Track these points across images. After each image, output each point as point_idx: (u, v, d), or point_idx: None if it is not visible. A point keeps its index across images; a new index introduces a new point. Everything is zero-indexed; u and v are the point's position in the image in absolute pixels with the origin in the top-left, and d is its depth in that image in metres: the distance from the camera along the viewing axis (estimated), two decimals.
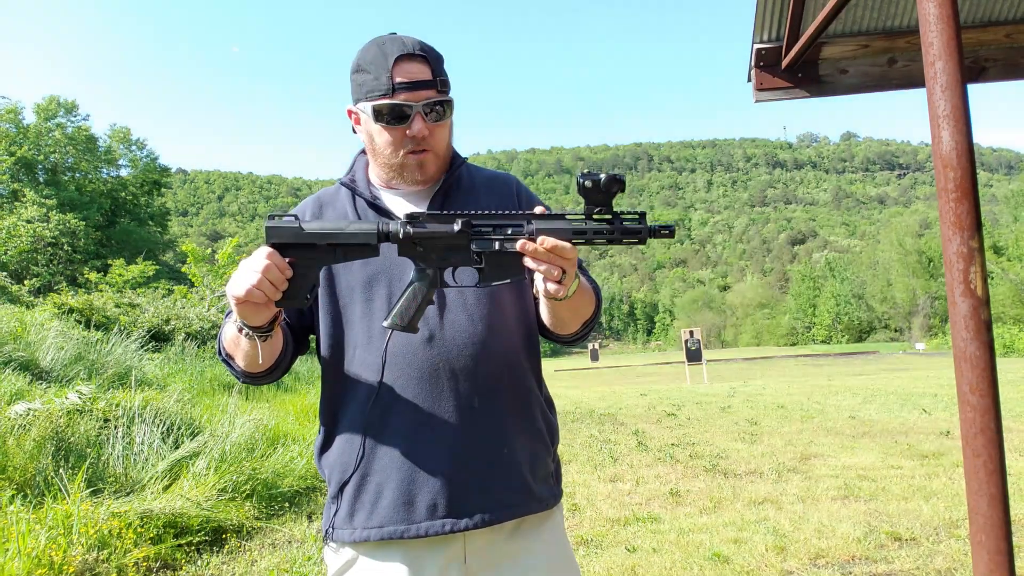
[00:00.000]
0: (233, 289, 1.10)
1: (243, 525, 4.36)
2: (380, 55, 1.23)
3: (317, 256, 1.13)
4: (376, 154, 1.30)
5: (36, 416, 4.45)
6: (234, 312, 1.16)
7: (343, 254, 1.14)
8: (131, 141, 40.75)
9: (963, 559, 3.61)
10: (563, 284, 1.11)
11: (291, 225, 1.13)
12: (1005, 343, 32.95)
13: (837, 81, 3.78)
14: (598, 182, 1.10)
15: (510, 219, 1.14)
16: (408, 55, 1.23)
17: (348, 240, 1.13)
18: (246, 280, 1.09)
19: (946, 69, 1.59)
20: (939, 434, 7.53)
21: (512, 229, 1.14)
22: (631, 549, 4.00)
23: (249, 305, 1.12)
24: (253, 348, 1.19)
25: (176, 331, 11.00)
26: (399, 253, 1.16)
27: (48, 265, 27.08)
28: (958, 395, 1.57)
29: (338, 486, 1.27)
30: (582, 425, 9.78)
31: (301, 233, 1.12)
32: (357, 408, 1.26)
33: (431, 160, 1.29)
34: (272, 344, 1.23)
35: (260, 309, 1.13)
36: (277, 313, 1.18)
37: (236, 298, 1.10)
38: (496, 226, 1.14)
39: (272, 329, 1.19)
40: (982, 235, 1.57)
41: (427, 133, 1.25)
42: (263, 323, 1.16)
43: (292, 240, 1.12)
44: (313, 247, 1.12)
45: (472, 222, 1.14)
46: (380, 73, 1.22)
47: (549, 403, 1.41)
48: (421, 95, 1.23)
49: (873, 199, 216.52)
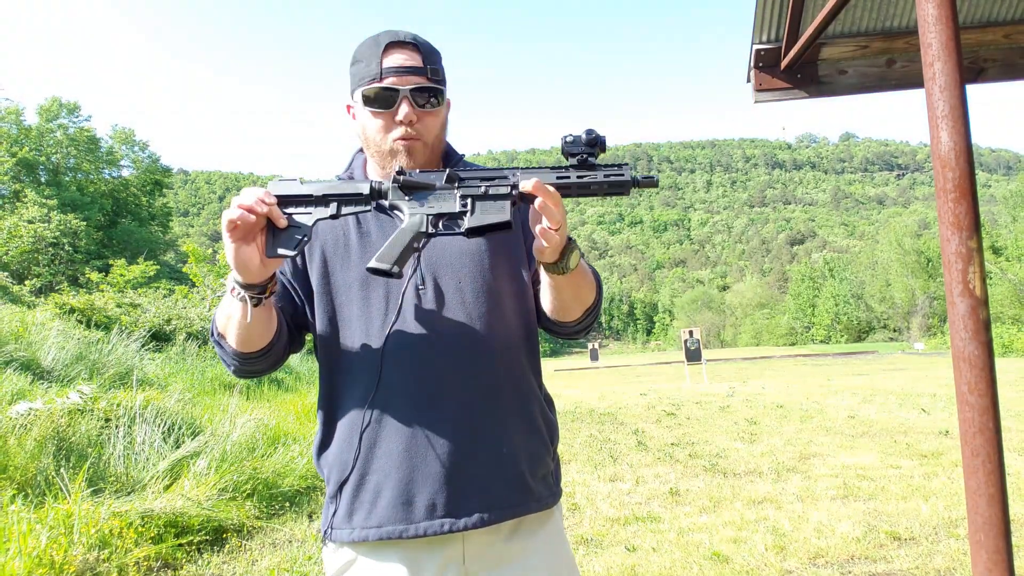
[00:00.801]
0: (224, 218, 1.08)
1: (244, 525, 4.37)
2: (373, 44, 1.25)
3: (312, 209, 1.16)
4: (368, 143, 1.30)
5: (37, 416, 4.45)
6: (231, 274, 1.14)
7: (337, 207, 1.16)
8: (133, 142, 40.77)
9: (962, 558, 3.62)
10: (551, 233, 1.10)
11: (290, 180, 1.18)
12: (1004, 343, 32.91)
13: (836, 82, 3.79)
14: (579, 137, 1.15)
15: (495, 171, 1.18)
16: (399, 43, 1.25)
17: (342, 190, 1.16)
18: (236, 200, 1.09)
19: (945, 69, 1.59)
20: (938, 434, 7.53)
21: (498, 180, 1.17)
22: (631, 548, 4.00)
23: (240, 244, 1.09)
24: (244, 315, 1.16)
25: (177, 331, 11.00)
26: (389, 205, 1.18)
27: (49, 265, 27.06)
28: (957, 395, 1.57)
29: (336, 485, 1.26)
30: (582, 425, 9.78)
31: (299, 186, 1.16)
32: (355, 407, 1.25)
33: (419, 148, 1.28)
34: (266, 317, 1.20)
35: (253, 253, 1.10)
36: (271, 279, 1.16)
37: (227, 225, 1.07)
38: (482, 178, 1.17)
39: (265, 292, 1.16)
40: (981, 235, 1.58)
41: (414, 119, 1.24)
42: (256, 280, 1.13)
43: (290, 192, 1.16)
44: (309, 198, 1.15)
45: (460, 174, 1.17)
46: (371, 60, 1.24)
47: (549, 402, 1.40)
48: (409, 80, 1.23)
49: (872, 199, 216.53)
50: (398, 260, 1.12)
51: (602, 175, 1.15)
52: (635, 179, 1.15)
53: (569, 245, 1.18)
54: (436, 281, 1.28)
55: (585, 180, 1.15)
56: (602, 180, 1.15)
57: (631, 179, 1.15)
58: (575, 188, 1.15)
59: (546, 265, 1.19)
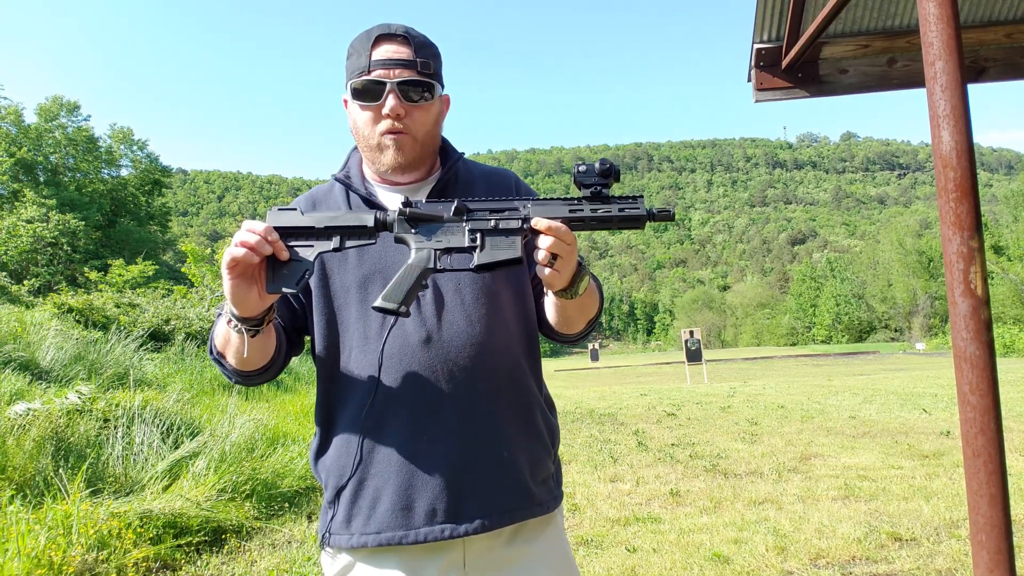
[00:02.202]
0: (225, 256, 1.06)
1: (243, 525, 4.36)
2: (364, 38, 1.24)
3: (315, 241, 1.12)
4: (358, 137, 1.29)
5: (36, 416, 4.44)
6: (227, 305, 1.12)
7: (340, 240, 1.12)
8: (132, 141, 40.78)
9: (963, 559, 3.61)
10: (558, 270, 1.10)
11: (290, 210, 1.14)
12: (1005, 343, 32.91)
13: (837, 81, 3.78)
14: (592, 167, 1.12)
15: (505, 203, 1.14)
16: (389, 35, 1.23)
17: (345, 222, 1.12)
18: (239, 237, 1.06)
19: (946, 69, 1.58)
20: (939, 434, 7.52)
21: (508, 211, 1.13)
22: (631, 549, 3.99)
23: (240, 281, 1.06)
24: (242, 345, 1.15)
25: (176, 331, 10.99)
26: (395, 239, 1.14)
27: (48, 265, 27.09)
28: (958, 395, 1.56)
29: (335, 491, 1.25)
30: (582, 425, 9.78)
31: (299, 217, 1.12)
32: (354, 411, 1.24)
33: (408, 142, 1.25)
34: (264, 342, 1.20)
35: (251, 289, 1.08)
36: (269, 309, 1.15)
37: (228, 262, 1.05)
38: (492, 210, 1.14)
39: (262, 324, 1.15)
40: (982, 235, 1.57)
41: (402, 112, 1.22)
42: (254, 313, 1.11)
43: (291, 223, 1.11)
44: (311, 231, 1.11)
45: (468, 206, 1.13)
46: (362, 53, 1.23)
47: (549, 404, 1.39)
48: (396, 72, 1.21)
49: (873, 199, 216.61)
50: (405, 299, 1.09)
51: (616, 208, 1.12)
52: (651, 212, 1.13)
53: (580, 272, 1.16)
54: (435, 284, 1.26)
55: (599, 215, 1.12)
56: (617, 214, 1.12)
57: (647, 212, 1.13)
58: (589, 222, 1.12)
59: (556, 291, 1.19)
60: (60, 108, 38.39)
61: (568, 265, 1.11)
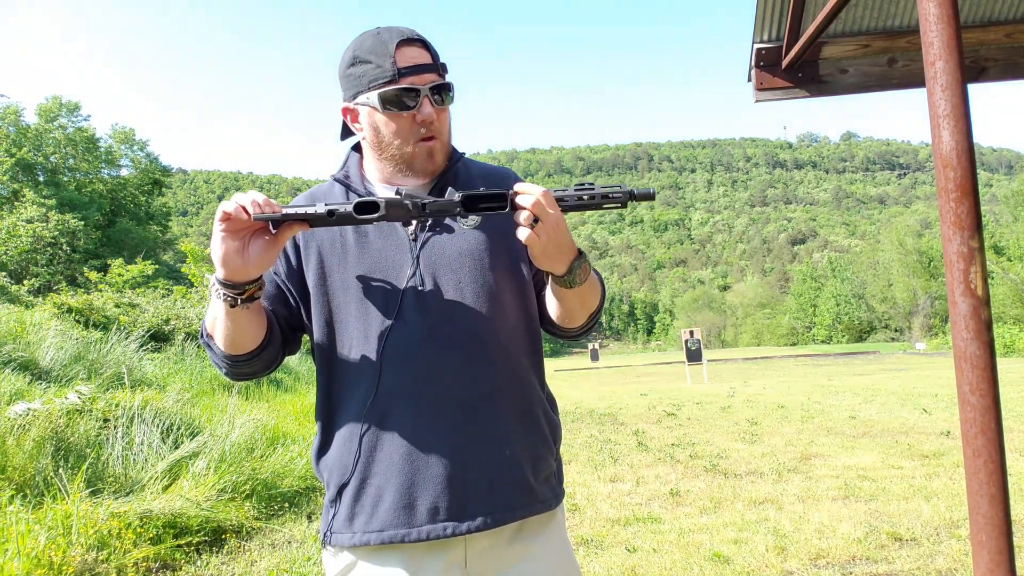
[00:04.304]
0: (218, 210, 1.07)
1: (243, 525, 4.36)
2: (379, 43, 1.20)
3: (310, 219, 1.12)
4: (383, 147, 1.25)
5: (35, 416, 4.44)
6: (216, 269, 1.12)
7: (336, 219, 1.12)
8: (132, 141, 40.80)
9: (964, 559, 3.60)
10: (538, 234, 1.10)
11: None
12: (1005, 343, 32.89)
13: (837, 81, 3.78)
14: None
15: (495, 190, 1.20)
16: (408, 40, 1.21)
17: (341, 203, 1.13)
18: (236, 197, 1.08)
19: (946, 69, 1.58)
20: (939, 434, 7.52)
21: None
22: (631, 549, 3.99)
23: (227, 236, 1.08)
24: (228, 319, 1.15)
25: (176, 331, 10.99)
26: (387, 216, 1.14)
27: (47, 265, 27.10)
28: (958, 395, 1.56)
29: (336, 489, 1.24)
30: (582, 425, 9.78)
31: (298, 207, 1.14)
32: (354, 409, 1.23)
33: (439, 148, 1.26)
34: (252, 321, 1.19)
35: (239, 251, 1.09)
36: (254, 282, 1.15)
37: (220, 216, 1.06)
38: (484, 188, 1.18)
39: (244, 294, 1.14)
40: (982, 235, 1.57)
41: (435, 117, 1.22)
42: (238, 279, 1.11)
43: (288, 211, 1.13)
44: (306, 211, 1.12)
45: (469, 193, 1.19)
46: (383, 60, 1.19)
47: (551, 402, 1.39)
48: (426, 78, 1.20)
49: (873, 199, 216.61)
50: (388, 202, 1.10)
51: (599, 187, 1.19)
52: (632, 192, 1.17)
53: (578, 259, 1.18)
54: (436, 281, 1.26)
55: (583, 192, 1.17)
56: (599, 191, 1.17)
57: (628, 192, 1.17)
58: (572, 200, 1.17)
59: (554, 278, 1.20)
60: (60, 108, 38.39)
61: (548, 232, 1.11)
